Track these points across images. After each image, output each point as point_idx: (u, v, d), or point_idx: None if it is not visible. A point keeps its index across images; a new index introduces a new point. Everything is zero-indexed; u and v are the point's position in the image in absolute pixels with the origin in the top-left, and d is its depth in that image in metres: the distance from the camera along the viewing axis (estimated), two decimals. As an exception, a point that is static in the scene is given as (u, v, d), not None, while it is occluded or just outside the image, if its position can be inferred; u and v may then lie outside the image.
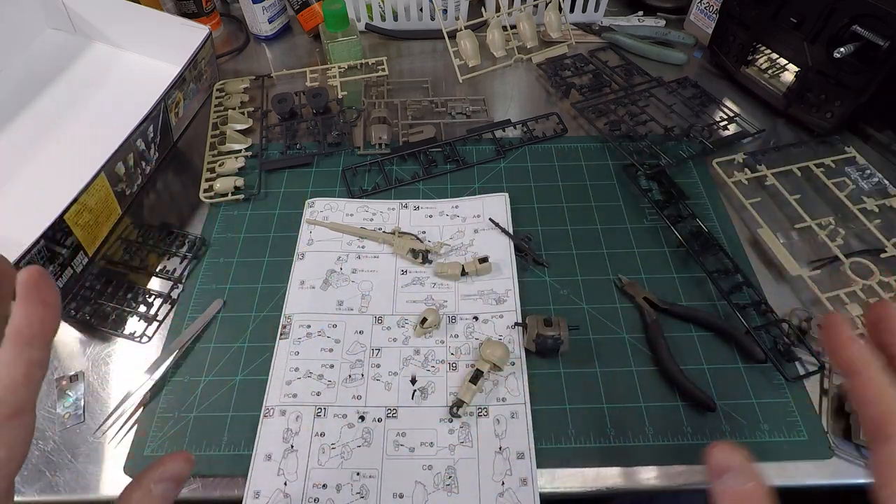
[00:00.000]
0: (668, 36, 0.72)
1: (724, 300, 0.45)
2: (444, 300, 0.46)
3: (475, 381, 0.40)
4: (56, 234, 0.43)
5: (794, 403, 0.41)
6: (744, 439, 0.39)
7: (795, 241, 0.51)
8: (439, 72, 0.69)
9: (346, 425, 0.39)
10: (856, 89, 0.54)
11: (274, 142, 0.60)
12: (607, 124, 0.60)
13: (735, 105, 0.63)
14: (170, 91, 0.54)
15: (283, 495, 0.36)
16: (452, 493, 0.36)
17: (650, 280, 0.48)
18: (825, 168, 0.56)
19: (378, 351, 0.43)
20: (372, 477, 0.37)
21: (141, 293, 0.47)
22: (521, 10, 0.70)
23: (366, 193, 0.54)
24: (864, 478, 0.38)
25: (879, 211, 0.52)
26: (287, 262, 0.49)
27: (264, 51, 0.73)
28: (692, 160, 0.57)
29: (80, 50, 0.66)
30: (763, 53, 0.63)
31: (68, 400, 0.42)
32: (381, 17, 0.73)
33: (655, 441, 0.39)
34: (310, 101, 0.61)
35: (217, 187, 0.54)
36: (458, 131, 0.60)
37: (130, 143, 0.49)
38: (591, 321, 0.45)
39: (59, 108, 0.60)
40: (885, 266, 0.48)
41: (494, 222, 0.50)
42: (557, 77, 0.66)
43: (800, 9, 0.55)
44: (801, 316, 0.45)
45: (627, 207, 0.53)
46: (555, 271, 0.48)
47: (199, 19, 0.69)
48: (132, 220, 0.53)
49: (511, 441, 0.38)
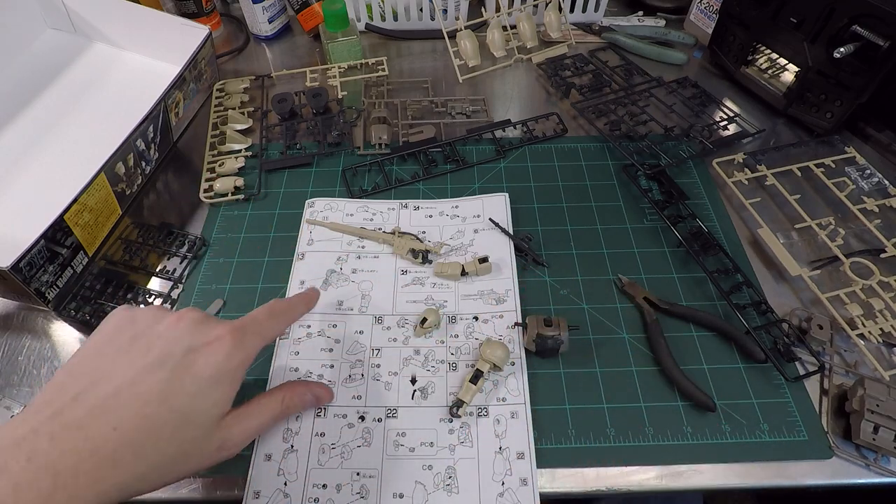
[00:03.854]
0: (668, 36, 0.72)
1: (724, 300, 0.45)
2: (444, 300, 0.46)
3: (475, 381, 0.40)
4: (56, 234, 0.43)
5: (794, 403, 0.41)
6: (744, 439, 0.39)
7: (795, 241, 0.51)
8: (439, 72, 0.69)
9: (346, 425, 0.39)
10: (856, 89, 0.54)
11: (274, 142, 0.60)
12: (607, 124, 0.60)
13: (735, 105, 0.63)
14: (170, 91, 0.54)
15: (283, 495, 0.36)
16: (452, 493, 0.36)
17: (650, 280, 0.48)
18: (825, 168, 0.56)
19: (378, 351, 0.43)
20: (372, 477, 0.37)
21: (141, 293, 0.47)
22: (521, 10, 0.70)
23: (366, 193, 0.54)
24: (864, 478, 0.38)
25: (879, 211, 0.52)
26: (287, 262, 0.49)
27: (264, 51, 0.73)
28: (692, 160, 0.57)
29: (80, 50, 0.66)
30: (763, 53, 0.63)
31: (68, 400, 0.42)
32: (381, 17, 0.73)
33: (655, 441, 0.39)
34: (310, 101, 0.61)
35: (217, 187, 0.54)
36: (458, 131, 0.60)
37: (130, 143, 0.49)
38: (591, 321, 0.45)
39: (59, 108, 0.60)
40: (885, 266, 0.48)
41: (494, 222, 0.50)
42: (557, 77, 0.66)
43: (800, 9, 0.55)
44: (801, 316, 0.45)
45: (627, 207, 0.53)
46: (555, 271, 0.48)
47: (199, 19, 0.69)
48: (132, 220, 0.53)
49: (511, 441, 0.38)
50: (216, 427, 0.31)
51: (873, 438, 0.37)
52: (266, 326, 0.35)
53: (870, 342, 0.43)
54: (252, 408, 0.34)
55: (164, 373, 0.30)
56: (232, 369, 0.32)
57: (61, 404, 0.28)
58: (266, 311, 0.36)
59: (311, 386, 0.38)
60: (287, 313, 0.38)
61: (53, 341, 0.45)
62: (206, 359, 0.31)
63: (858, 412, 0.38)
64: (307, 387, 0.38)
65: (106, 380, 0.29)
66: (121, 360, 0.30)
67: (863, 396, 0.38)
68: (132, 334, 0.32)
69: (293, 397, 0.36)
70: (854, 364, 0.43)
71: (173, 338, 0.31)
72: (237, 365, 0.32)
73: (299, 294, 0.40)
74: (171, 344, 0.31)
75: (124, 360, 0.30)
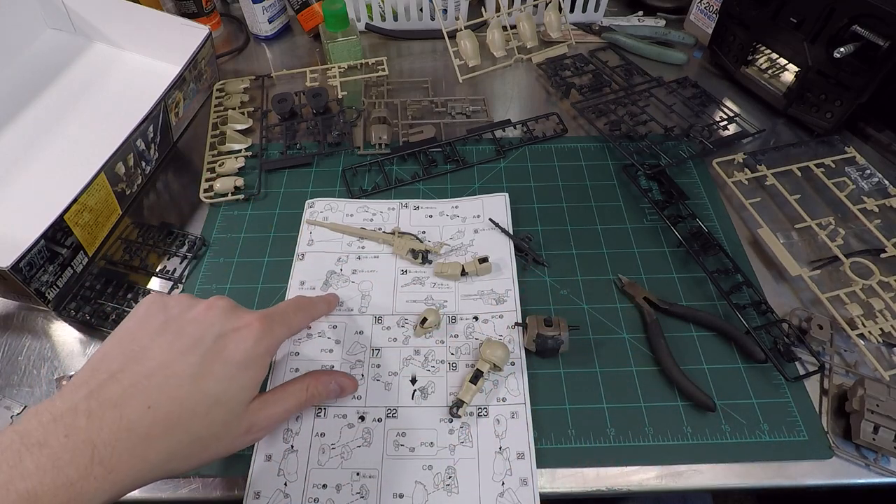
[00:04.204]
0: (668, 36, 0.72)
1: (724, 300, 0.45)
2: (444, 300, 0.46)
3: (475, 381, 0.40)
4: (56, 234, 0.43)
5: (794, 403, 0.41)
6: (744, 439, 0.39)
7: (795, 241, 0.51)
8: (439, 72, 0.69)
9: (346, 425, 0.39)
10: (856, 89, 0.54)
11: (274, 142, 0.60)
12: (607, 124, 0.60)
13: (735, 105, 0.63)
14: (170, 91, 0.54)
15: (283, 495, 0.36)
16: (452, 493, 0.36)
17: (650, 280, 0.48)
18: (825, 168, 0.56)
19: (378, 351, 0.43)
20: (372, 477, 0.37)
21: (141, 293, 0.47)
22: (521, 10, 0.70)
23: (366, 193, 0.54)
24: (864, 478, 0.38)
25: (879, 211, 0.52)
26: (287, 262, 0.49)
27: (264, 51, 0.73)
28: (692, 160, 0.57)
29: (80, 50, 0.66)
30: (763, 53, 0.63)
31: (68, 400, 0.42)
32: (381, 17, 0.73)
33: (655, 441, 0.39)
34: (310, 101, 0.61)
35: (217, 187, 0.54)
36: (458, 131, 0.60)
37: (130, 143, 0.49)
38: (591, 321, 0.45)
39: (59, 108, 0.60)
40: (885, 266, 0.48)
41: (494, 222, 0.50)
42: (557, 77, 0.66)
43: (800, 9, 0.55)
44: (801, 316, 0.45)
45: (627, 207, 0.53)
46: (555, 271, 0.48)
47: (199, 19, 0.69)
48: (132, 220, 0.53)
49: (511, 441, 0.38)
50: (244, 410, 0.33)
51: (873, 438, 0.37)
52: (293, 318, 0.37)
53: (870, 342, 0.43)
54: (278, 394, 0.36)
55: (196, 356, 0.31)
56: (260, 355, 0.33)
57: (97, 383, 0.29)
58: (293, 305, 0.39)
59: (336, 375, 0.39)
60: (310, 309, 0.41)
61: (53, 341, 0.45)
62: (236, 344, 0.32)
63: (858, 412, 0.38)
64: (332, 376, 0.39)
65: (140, 361, 0.30)
66: (154, 343, 0.31)
67: (863, 396, 0.38)
68: (164, 319, 0.33)
69: (318, 385, 0.37)
70: (854, 364, 0.43)
71: (205, 323, 0.32)
72: (265, 351, 0.34)
73: (320, 296, 0.44)
74: (203, 329, 0.32)
75: (157, 343, 0.31)
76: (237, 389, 0.32)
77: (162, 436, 0.29)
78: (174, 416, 0.29)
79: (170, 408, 0.29)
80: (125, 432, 0.27)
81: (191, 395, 0.30)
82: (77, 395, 0.28)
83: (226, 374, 0.31)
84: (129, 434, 0.28)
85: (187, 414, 0.30)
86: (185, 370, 0.30)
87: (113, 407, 0.28)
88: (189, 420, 0.30)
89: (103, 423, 0.27)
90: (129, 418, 0.28)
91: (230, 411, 0.32)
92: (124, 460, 0.27)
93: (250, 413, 0.33)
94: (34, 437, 0.26)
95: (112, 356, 0.31)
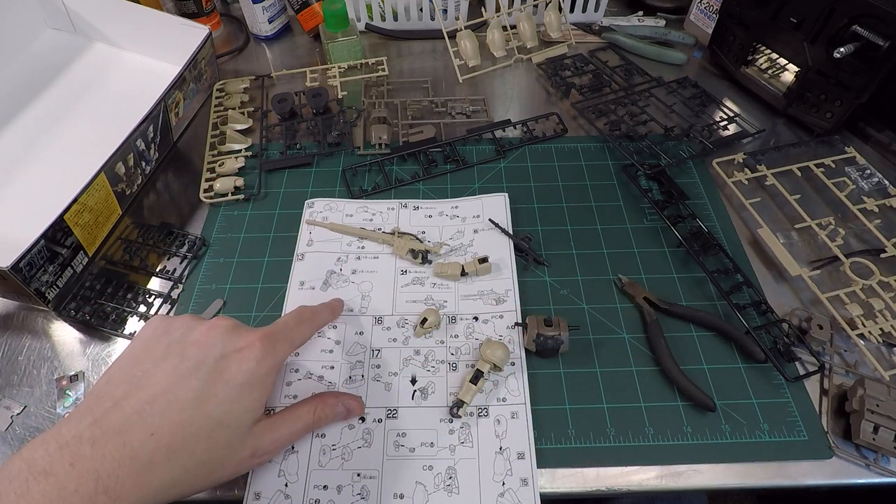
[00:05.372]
0: (668, 36, 0.72)
1: (724, 300, 0.45)
2: (444, 300, 0.46)
3: (475, 382, 0.40)
4: (56, 234, 0.43)
5: (794, 403, 0.41)
6: (744, 439, 0.39)
7: (795, 241, 0.51)
8: (439, 72, 0.69)
9: (346, 426, 0.39)
10: (856, 89, 0.54)
11: (274, 142, 0.60)
12: (607, 124, 0.60)
13: (735, 105, 0.63)
14: (170, 91, 0.54)
15: (283, 496, 0.36)
16: (453, 494, 0.36)
17: (650, 280, 0.48)
18: (825, 168, 0.56)
19: (378, 351, 0.43)
20: (372, 478, 0.37)
21: (141, 293, 0.47)
22: (521, 10, 0.70)
23: (366, 193, 0.54)
24: (864, 478, 0.38)
25: (879, 211, 0.52)
26: (287, 262, 0.49)
27: (264, 51, 0.73)
28: (692, 160, 0.57)
29: (80, 50, 0.66)
30: (763, 53, 0.63)
31: (68, 400, 0.42)
32: (381, 17, 0.73)
33: (655, 441, 0.39)
34: (310, 101, 0.61)
35: (217, 187, 0.54)
36: (458, 131, 0.60)
37: (130, 143, 0.49)
38: (591, 321, 0.45)
39: (59, 108, 0.60)
40: (885, 266, 0.48)
41: (494, 222, 0.50)
42: (557, 77, 0.66)
43: (800, 9, 0.55)
44: (801, 316, 0.45)
45: (627, 207, 0.53)
46: (555, 271, 0.48)
47: (199, 19, 0.69)
48: (132, 220, 0.53)
49: (511, 441, 0.38)
50: (248, 433, 0.33)
51: (873, 438, 0.37)
52: (295, 332, 0.37)
53: (870, 342, 0.43)
54: (284, 417, 0.35)
55: (198, 379, 0.31)
56: (262, 375, 0.33)
57: (101, 411, 0.29)
58: (295, 318, 0.37)
59: (343, 398, 0.39)
60: (314, 320, 0.39)
61: (53, 341, 0.45)
62: (238, 365, 0.32)
63: (858, 412, 0.38)
64: (339, 398, 0.38)
65: (143, 387, 0.30)
66: (157, 368, 0.31)
67: (863, 396, 0.38)
68: (167, 343, 0.33)
69: (325, 408, 0.37)
70: (854, 364, 0.43)
71: (206, 345, 0.32)
72: (267, 371, 0.33)
73: (324, 303, 0.42)
74: (205, 351, 0.32)
75: (160, 367, 0.31)
76: (240, 411, 0.32)
77: (165, 462, 0.29)
78: (177, 442, 0.29)
79: (172, 433, 0.29)
80: (128, 460, 0.28)
81: (193, 420, 0.30)
82: (82, 424, 0.28)
83: (228, 395, 0.31)
84: (133, 462, 0.28)
85: (191, 438, 0.30)
86: (188, 394, 0.30)
87: (116, 434, 0.28)
88: (192, 444, 0.30)
89: (106, 451, 0.27)
90: (132, 445, 0.28)
91: (233, 433, 0.32)
92: (128, 488, 0.27)
93: (255, 436, 0.33)
94: (40, 465, 0.27)
95: (116, 382, 0.31)
